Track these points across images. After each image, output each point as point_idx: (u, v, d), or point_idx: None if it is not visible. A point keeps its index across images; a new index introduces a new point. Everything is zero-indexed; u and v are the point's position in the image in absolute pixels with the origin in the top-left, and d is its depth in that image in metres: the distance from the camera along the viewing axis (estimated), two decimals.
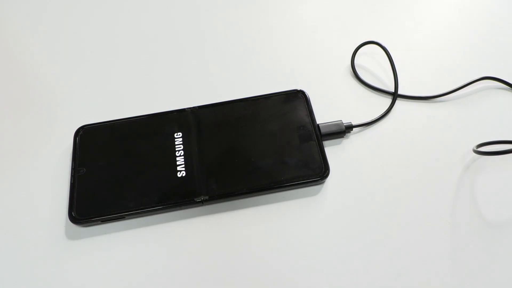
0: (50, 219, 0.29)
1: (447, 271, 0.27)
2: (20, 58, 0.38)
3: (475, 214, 0.29)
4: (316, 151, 0.30)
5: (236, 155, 0.30)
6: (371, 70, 0.36)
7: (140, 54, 0.38)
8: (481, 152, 0.29)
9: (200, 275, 0.27)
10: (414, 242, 0.28)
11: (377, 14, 0.40)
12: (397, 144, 0.32)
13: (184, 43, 0.38)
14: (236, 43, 0.38)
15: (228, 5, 0.41)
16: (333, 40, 0.38)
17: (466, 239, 0.28)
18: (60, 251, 0.28)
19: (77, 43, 0.39)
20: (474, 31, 0.38)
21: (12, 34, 0.39)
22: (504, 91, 0.34)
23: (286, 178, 0.29)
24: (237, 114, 0.32)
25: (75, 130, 0.32)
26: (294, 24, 0.39)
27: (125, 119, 0.32)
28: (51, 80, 0.36)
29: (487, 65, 0.36)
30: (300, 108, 0.32)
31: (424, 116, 0.33)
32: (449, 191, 0.29)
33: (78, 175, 0.29)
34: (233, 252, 0.28)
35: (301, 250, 0.28)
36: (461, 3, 0.40)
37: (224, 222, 0.29)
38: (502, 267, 0.27)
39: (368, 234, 0.28)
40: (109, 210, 0.28)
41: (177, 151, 0.30)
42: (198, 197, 0.28)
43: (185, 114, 0.32)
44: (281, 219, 0.29)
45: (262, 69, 0.36)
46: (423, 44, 0.37)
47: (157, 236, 0.28)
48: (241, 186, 0.29)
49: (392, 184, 0.30)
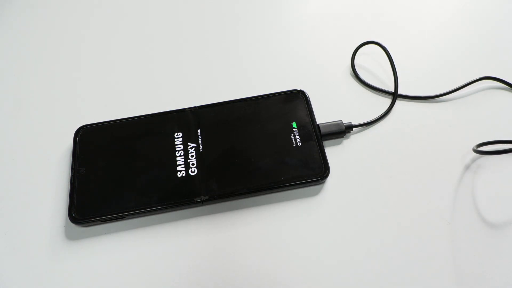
0: (50, 219, 0.29)
1: (447, 270, 0.27)
2: (20, 58, 0.38)
3: (475, 213, 0.29)
4: (316, 151, 0.30)
5: (236, 155, 0.30)
6: (371, 70, 0.36)
7: (140, 54, 0.38)
8: (481, 151, 0.29)
9: (200, 275, 0.27)
10: (414, 241, 0.28)
11: (377, 14, 0.40)
12: (397, 144, 0.32)
13: (184, 43, 0.38)
14: (236, 43, 0.38)
15: (228, 5, 0.41)
16: (333, 40, 0.38)
17: (466, 238, 0.28)
18: (60, 251, 0.28)
19: (77, 43, 0.39)
20: (474, 31, 0.38)
21: (12, 34, 0.39)
22: (504, 91, 0.34)
23: (286, 178, 0.29)
24: (237, 114, 0.32)
25: (75, 130, 0.32)
26: (294, 24, 0.39)
27: (125, 119, 0.32)
28: (51, 80, 0.36)
29: (487, 65, 0.36)
30: (300, 108, 0.32)
31: (424, 116, 0.33)
32: (449, 190, 0.29)
33: (78, 175, 0.29)
34: (233, 252, 0.28)
35: (301, 250, 0.28)
36: (461, 3, 0.40)
37: (224, 222, 0.29)
38: (502, 267, 0.27)
39: (368, 234, 0.28)
40: (109, 210, 0.28)
41: (177, 151, 0.30)
42: (198, 197, 0.28)
43: (185, 114, 0.32)
44: (281, 219, 0.29)
45: (262, 69, 0.36)
46: (423, 44, 0.37)
47: (157, 236, 0.28)
48: (241, 186, 0.29)
49: (392, 184, 0.30)
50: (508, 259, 0.27)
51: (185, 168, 0.29)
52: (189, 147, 0.30)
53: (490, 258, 0.27)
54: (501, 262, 0.27)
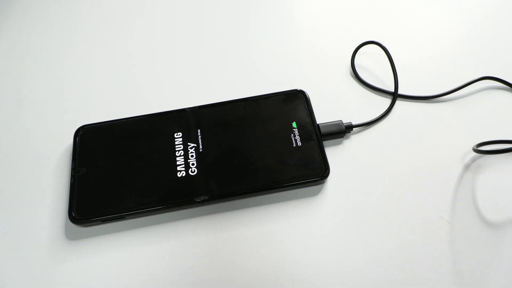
0: (50, 219, 0.29)
1: (447, 270, 0.27)
2: (20, 58, 0.38)
3: (475, 213, 0.29)
4: (316, 151, 0.30)
5: (236, 155, 0.30)
6: (371, 70, 0.36)
7: (140, 54, 0.38)
8: (481, 151, 0.29)
9: (200, 275, 0.27)
10: (414, 241, 0.28)
11: (377, 14, 0.40)
12: (397, 144, 0.32)
13: (184, 43, 0.38)
14: (236, 43, 0.38)
15: (228, 5, 0.41)
16: (333, 40, 0.38)
17: (466, 238, 0.28)
18: (60, 251, 0.28)
19: (77, 43, 0.39)
20: (474, 31, 0.38)
21: (12, 34, 0.39)
22: (504, 91, 0.34)
23: (286, 178, 0.29)
24: (237, 114, 0.32)
25: (75, 130, 0.32)
26: (294, 24, 0.39)
27: (125, 119, 0.32)
28: (51, 80, 0.36)
29: (487, 65, 0.36)
30: (300, 108, 0.32)
31: (424, 116, 0.33)
32: (449, 190, 0.29)
33: (78, 175, 0.29)
34: (233, 252, 0.28)
35: (301, 250, 0.28)
36: (461, 3, 0.40)
37: (224, 222, 0.29)
38: (502, 267, 0.27)
39: (368, 234, 0.28)
40: (109, 210, 0.28)
41: (177, 151, 0.30)
42: (198, 197, 0.28)
43: (185, 114, 0.32)
44: (281, 219, 0.29)
45: (262, 69, 0.36)
46: (423, 44, 0.37)
47: (157, 236, 0.28)
48: (241, 186, 0.29)
49: (392, 184, 0.30)
50: (508, 259, 0.27)
51: (185, 168, 0.29)
52: (189, 147, 0.30)
53: (490, 258, 0.27)
54: (501, 262, 0.27)
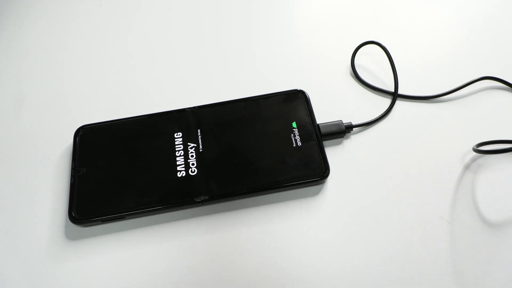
0: (50, 219, 0.29)
1: (447, 270, 0.27)
2: (20, 58, 0.38)
3: (475, 213, 0.29)
4: (316, 151, 0.30)
5: (236, 155, 0.30)
6: (371, 70, 0.36)
7: (140, 54, 0.38)
8: (481, 151, 0.29)
9: (200, 275, 0.27)
10: (414, 241, 0.28)
11: (377, 14, 0.40)
12: (397, 144, 0.32)
13: (185, 43, 0.38)
14: (236, 43, 0.38)
15: (228, 5, 0.41)
16: (333, 40, 0.38)
17: (466, 238, 0.28)
18: (60, 251, 0.28)
19: (77, 43, 0.39)
20: (474, 31, 0.38)
21: (12, 34, 0.39)
22: (504, 91, 0.34)
23: (286, 178, 0.29)
24: (237, 114, 0.32)
25: (75, 130, 0.32)
26: (294, 24, 0.39)
27: (125, 119, 0.32)
28: (51, 80, 0.36)
29: (487, 65, 0.36)
30: (300, 108, 0.32)
31: (424, 116, 0.33)
32: (449, 190, 0.29)
33: (78, 175, 0.29)
34: (233, 252, 0.28)
35: (301, 250, 0.28)
36: (461, 3, 0.40)
37: (224, 222, 0.29)
38: (502, 267, 0.27)
39: (368, 234, 0.28)
40: (109, 210, 0.28)
41: (177, 151, 0.30)
42: (198, 197, 0.28)
43: (185, 114, 0.32)
44: (281, 219, 0.29)
45: (262, 69, 0.36)
46: (423, 44, 0.37)
47: (157, 236, 0.28)
48: (241, 186, 0.29)
49: (392, 184, 0.30)
50: (508, 259, 0.27)
51: (185, 168, 0.29)
52: (189, 147, 0.30)
53: (490, 258, 0.27)
54: (501, 262, 0.27)
